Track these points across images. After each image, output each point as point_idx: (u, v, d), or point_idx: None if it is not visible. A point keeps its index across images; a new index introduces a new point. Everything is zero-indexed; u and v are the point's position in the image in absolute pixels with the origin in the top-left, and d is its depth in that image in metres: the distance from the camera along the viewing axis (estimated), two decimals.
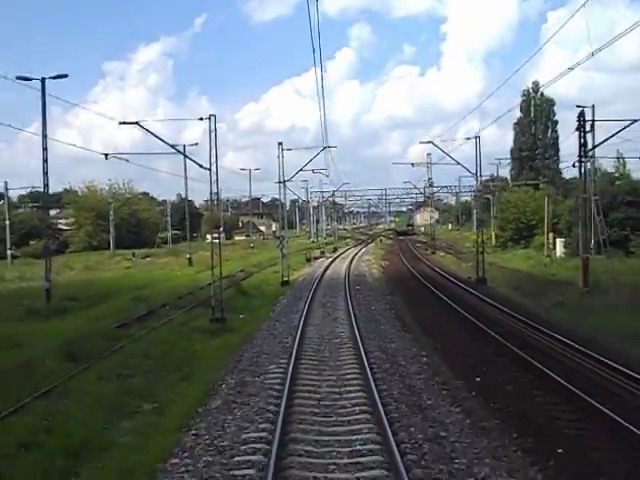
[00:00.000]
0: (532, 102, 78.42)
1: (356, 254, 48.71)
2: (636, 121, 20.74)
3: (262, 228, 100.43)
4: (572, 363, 12.15)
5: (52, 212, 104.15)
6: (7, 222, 45.82)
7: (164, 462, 7.69)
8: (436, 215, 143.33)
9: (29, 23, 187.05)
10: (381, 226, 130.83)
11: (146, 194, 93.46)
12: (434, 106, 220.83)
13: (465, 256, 42.90)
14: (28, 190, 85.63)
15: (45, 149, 23.84)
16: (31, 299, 22.82)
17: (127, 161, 28.38)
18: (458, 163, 29.50)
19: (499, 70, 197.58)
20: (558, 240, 35.77)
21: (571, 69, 20.17)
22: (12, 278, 34.86)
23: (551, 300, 21.62)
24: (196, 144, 41.64)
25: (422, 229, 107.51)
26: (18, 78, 22.04)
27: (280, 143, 30.37)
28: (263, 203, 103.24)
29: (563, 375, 10.59)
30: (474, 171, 29.92)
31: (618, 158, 37.57)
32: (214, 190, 20.25)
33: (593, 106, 23.05)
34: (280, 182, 31.61)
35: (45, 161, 23.98)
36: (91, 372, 12.51)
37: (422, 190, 61.26)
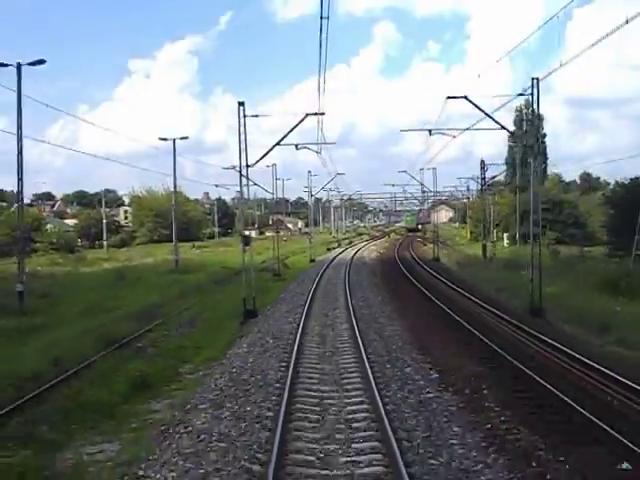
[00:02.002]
0: (524, 117, 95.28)
1: (364, 246, 66.60)
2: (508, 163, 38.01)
3: (289, 225, 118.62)
4: (438, 287, 29.68)
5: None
6: (104, 221, 64.36)
7: (277, 298, 25.49)
8: (451, 214, 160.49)
9: (53, 19, 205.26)
10: (398, 224, 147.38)
11: (180, 192, 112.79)
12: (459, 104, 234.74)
13: (447, 247, 60.41)
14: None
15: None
16: (166, 267, 41.13)
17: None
18: (422, 184, 47.43)
19: (524, 68, 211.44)
20: (505, 234, 53.45)
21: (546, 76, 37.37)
22: (124, 259, 53.21)
23: (469, 267, 39.16)
24: (250, 166, 59.76)
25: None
26: (160, 139, 40.12)
27: (309, 171, 48.80)
28: (291, 203, 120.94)
29: (429, 289, 27.93)
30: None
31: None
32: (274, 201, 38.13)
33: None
34: (310, 194, 49.88)
35: None
36: (230, 286, 30.42)
37: (415, 195, 78.43)
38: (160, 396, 12.95)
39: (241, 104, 20.85)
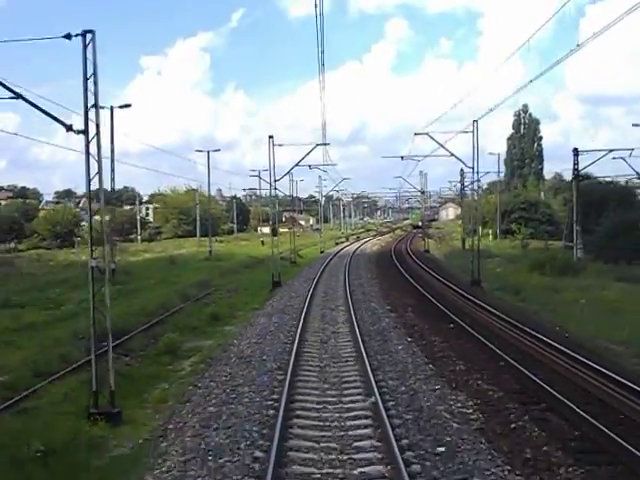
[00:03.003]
0: (522, 121, 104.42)
1: (369, 240, 76.28)
2: (487, 172, 47.44)
3: (302, 222, 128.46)
4: (416, 269, 39.27)
5: (127, 207, 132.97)
6: (138, 217, 74.37)
7: (295, 276, 35.28)
8: (458, 211, 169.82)
9: (68, 17, 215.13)
10: (407, 221, 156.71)
11: (195, 190, 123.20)
12: (471, 100, 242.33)
13: (443, 241, 70.01)
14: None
15: None
16: (200, 256, 51.07)
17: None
18: (416, 189, 56.84)
19: (536, 64, 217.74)
20: (490, 230, 63.07)
21: (509, 97, 46.58)
22: (159, 250, 63.20)
23: (452, 256, 48.70)
24: (277, 180, 69.61)
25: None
26: (197, 150, 49.77)
27: (320, 176, 58.44)
28: (303, 201, 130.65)
29: (407, 270, 37.56)
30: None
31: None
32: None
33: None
34: (321, 195, 59.64)
35: None
36: (257, 270, 40.22)
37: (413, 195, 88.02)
38: (229, 324, 22.58)
39: (271, 137, 30.56)
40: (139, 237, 75.03)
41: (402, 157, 32.59)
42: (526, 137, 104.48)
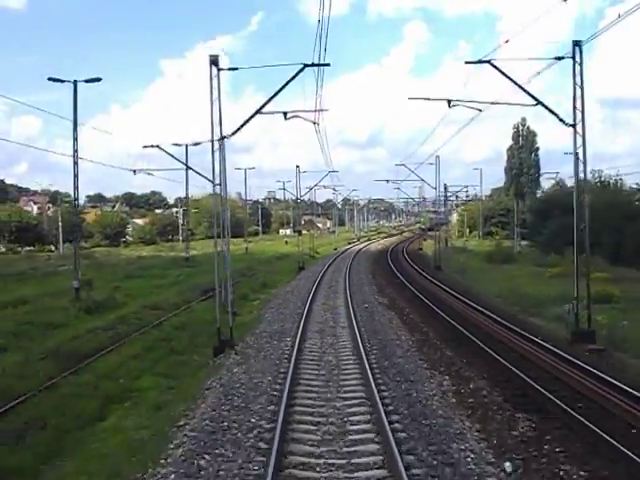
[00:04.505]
0: (520, 133, 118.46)
1: (377, 241, 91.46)
2: (467, 186, 62.47)
3: (319, 225, 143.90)
4: (401, 261, 54.32)
5: (158, 211, 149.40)
6: (180, 221, 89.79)
7: (313, 264, 50.61)
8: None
9: (88, 20, 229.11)
10: (418, 224, 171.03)
11: (219, 194, 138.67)
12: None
13: (441, 242, 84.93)
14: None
15: None
16: (237, 252, 66.69)
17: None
18: (414, 198, 71.88)
19: (556, 67, 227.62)
20: (475, 232, 78.12)
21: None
22: (200, 248, 78.75)
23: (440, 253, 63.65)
24: (302, 196, 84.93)
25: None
26: (236, 169, 65.36)
27: (334, 188, 73.92)
28: (321, 206, 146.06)
29: (394, 262, 52.54)
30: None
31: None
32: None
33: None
34: (335, 205, 75.00)
35: None
36: (285, 262, 55.58)
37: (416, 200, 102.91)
38: (273, 289, 37.71)
39: (297, 166, 45.81)
40: (180, 238, 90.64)
41: (387, 181, 47.67)
42: (524, 148, 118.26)
